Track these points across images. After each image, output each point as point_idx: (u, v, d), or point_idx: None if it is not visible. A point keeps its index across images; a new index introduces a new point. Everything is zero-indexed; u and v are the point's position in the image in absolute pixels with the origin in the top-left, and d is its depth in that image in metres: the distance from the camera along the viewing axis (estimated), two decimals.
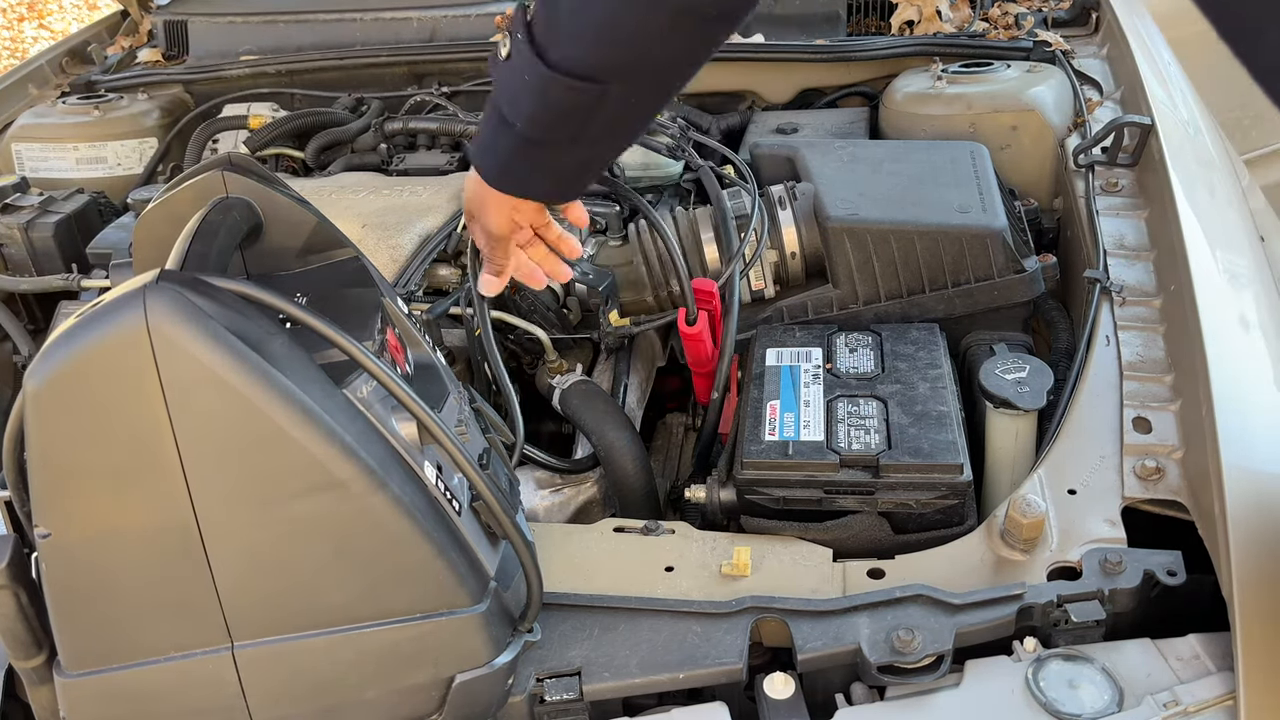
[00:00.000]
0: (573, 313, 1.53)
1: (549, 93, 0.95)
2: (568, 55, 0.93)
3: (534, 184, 1.09)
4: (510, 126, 1.01)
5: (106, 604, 0.83)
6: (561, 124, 0.98)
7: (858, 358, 1.28)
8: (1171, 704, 0.87)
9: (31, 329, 1.75)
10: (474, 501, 0.93)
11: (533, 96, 0.96)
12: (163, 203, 0.97)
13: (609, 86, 0.94)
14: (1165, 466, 1.09)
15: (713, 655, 0.96)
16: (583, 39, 0.92)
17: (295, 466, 0.78)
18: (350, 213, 1.58)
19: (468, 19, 2.20)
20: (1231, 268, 1.31)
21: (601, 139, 1.03)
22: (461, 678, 0.89)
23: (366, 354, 0.82)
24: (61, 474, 0.78)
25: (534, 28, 0.95)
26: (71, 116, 2.12)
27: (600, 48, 0.93)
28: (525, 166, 1.06)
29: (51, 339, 0.75)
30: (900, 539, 1.12)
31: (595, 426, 1.29)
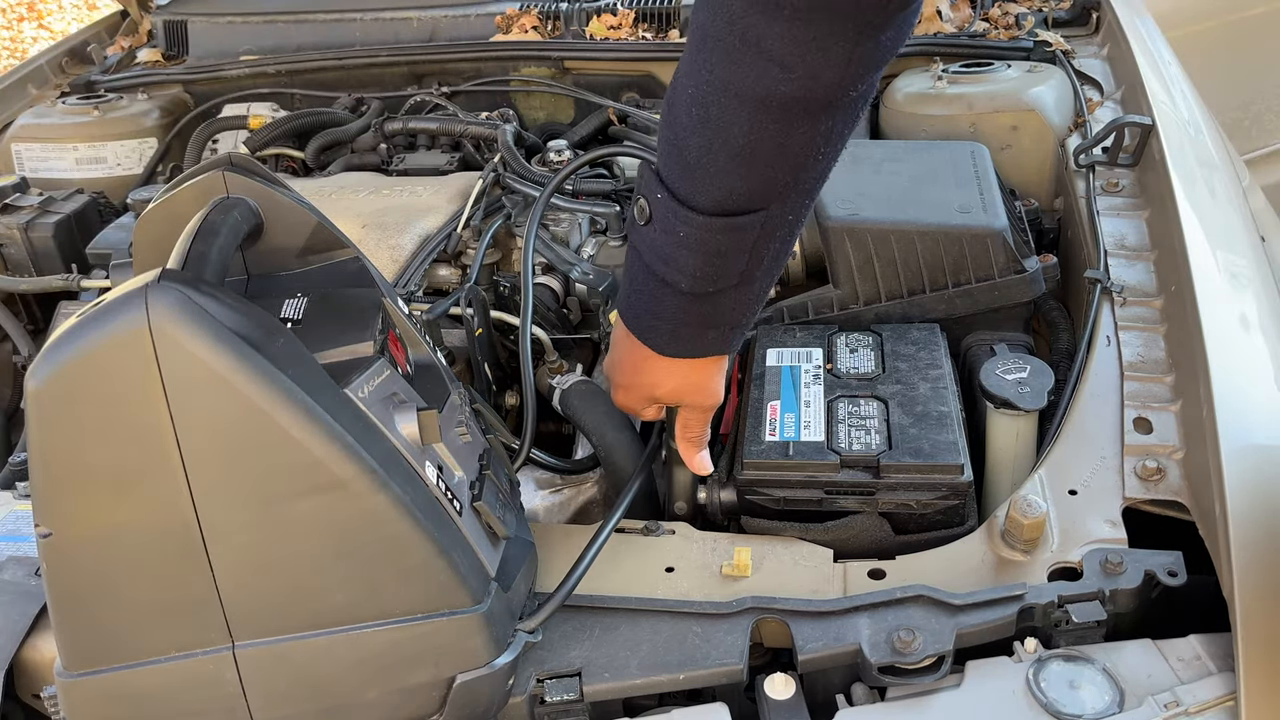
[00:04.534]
0: (573, 313, 1.53)
1: (709, 240, 0.89)
2: (717, 194, 0.87)
3: (709, 340, 1.00)
4: (670, 288, 0.94)
5: (107, 604, 0.83)
6: (727, 268, 0.91)
7: (858, 358, 1.28)
8: (1172, 704, 0.87)
9: (31, 329, 1.75)
10: (475, 501, 0.93)
11: (692, 250, 0.90)
12: (163, 203, 0.96)
13: (768, 210, 0.88)
14: (1166, 467, 1.09)
15: (713, 656, 0.96)
16: (727, 173, 0.86)
17: (296, 466, 0.78)
18: (350, 213, 1.58)
19: (468, 19, 2.21)
20: (1232, 268, 1.31)
21: (766, 268, 0.94)
22: (462, 678, 0.89)
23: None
24: (62, 474, 0.78)
25: (669, 182, 0.89)
26: (71, 117, 2.12)
27: (748, 175, 0.86)
28: (696, 324, 0.97)
29: (53, 339, 0.75)
30: (901, 539, 1.12)
31: (595, 427, 1.29)
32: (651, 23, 2.14)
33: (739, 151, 0.84)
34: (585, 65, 2.08)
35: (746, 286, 0.94)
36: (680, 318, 0.96)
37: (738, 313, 0.97)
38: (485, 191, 1.62)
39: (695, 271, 0.91)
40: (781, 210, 0.88)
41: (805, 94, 0.80)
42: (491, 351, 1.45)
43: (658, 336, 0.99)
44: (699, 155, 0.86)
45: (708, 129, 0.84)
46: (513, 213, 1.61)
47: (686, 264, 0.91)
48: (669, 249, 0.91)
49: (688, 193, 0.88)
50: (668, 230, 0.90)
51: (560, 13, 2.17)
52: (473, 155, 1.87)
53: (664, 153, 0.90)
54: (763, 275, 0.94)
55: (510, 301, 1.54)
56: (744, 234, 0.89)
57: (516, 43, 2.12)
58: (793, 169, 0.86)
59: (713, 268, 0.91)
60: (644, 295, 0.97)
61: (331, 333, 0.90)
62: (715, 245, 0.89)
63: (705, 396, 1.06)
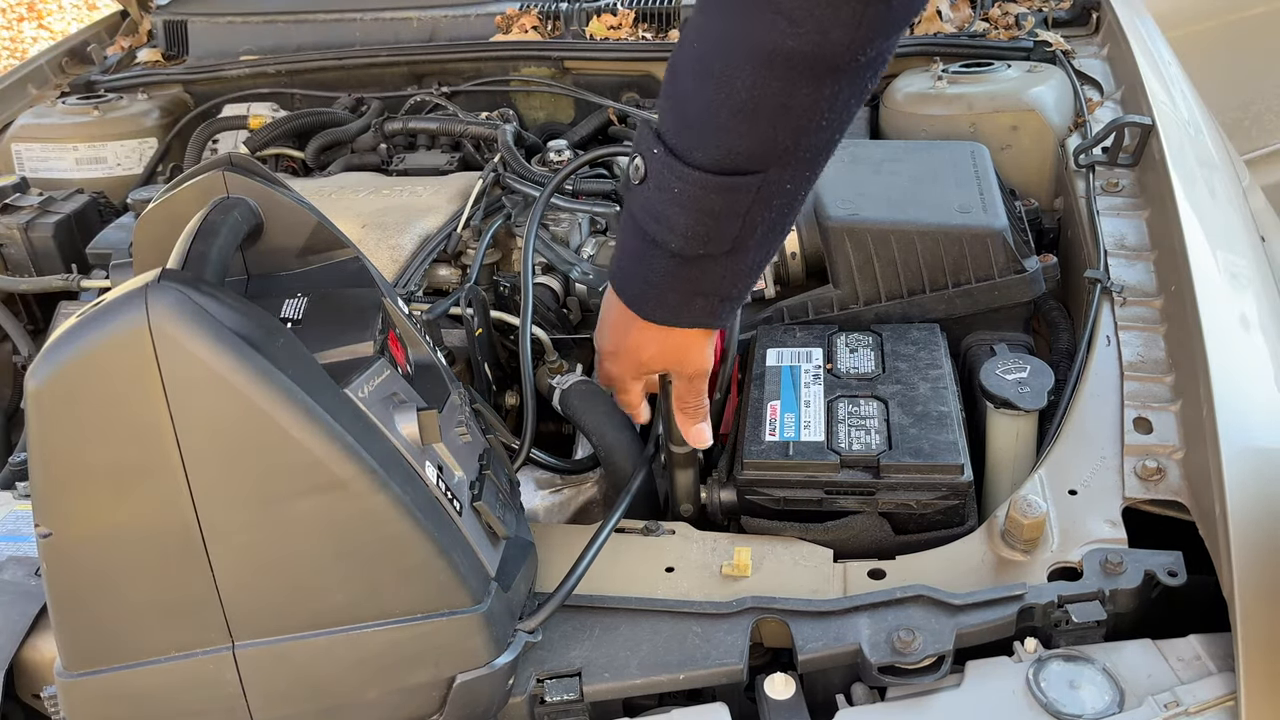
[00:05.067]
0: (573, 313, 1.53)
1: (704, 199, 0.87)
2: (715, 153, 0.85)
3: (696, 309, 0.97)
4: (660, 249, 0.91)
5: (107, 604, 0.83)
6: (720, 231, 0.88)
7: (858, 358, 1.28)
8: (1172, 704, 0.87)
9: (31, 329, 1.75)
10: (475, 501, 0.93)
11: (685, 208, 0.88)
12: (163, 203, 0.96)
13: (766, 173, 0.85)
14: (1166, 467, 1.09)
15: (713, 656, 0.96)
16: (727, 130, 0.84)
17: (296, 466, 0.78)
18: (350, 213, 1.58)
19: (468, 19, 2.21)
20: (1232, 268, 1.31)
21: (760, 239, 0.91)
22: (462, 678, 0.89)
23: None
24: (62, 474, 0.78)
25: (667, 138, 0.87)
26: (71, 117, 2.12)
27: (749, 133, 0.83)
28: (684, 289, 0.95)
29: (53, 339, 0.75)
30: (901, 539, 1.12)
31: (595, 427, 1.29)
32: (651, 23, 2.14)
33: (740, 108, 0.82)
34: (585, 65, 2.08)
35: (739, 255, 0.91)
36: (668, 282, 0.94)
37: (728, 283, 0.94)
38: (485, 191, 1.62)
39: (687, 231, 0.89)
40: (780, 176, 0.86)
41: (812, 51, 0.78)
42: (491, 351, 1.45)
43: (645, 302, 0.97)
44: (700, 111, 0.84)
45: (710, 83, 0.83)
46: (513, 213, 1.61)
47: (678, 222, 0.89)
48: (662, 206, 0.89)
49: (685, 148, 0.86)
50: (662, 187, 0.88)
51: (560, 13, 2.17)
52: (473, 155, 1.87)
53: (664, 109, 0.89)
54: (756, 246, 0.91)
55: (510, 301, 1.54)
56: (739, 195, 0.86)
57: (516, 43, 2.12)
58: (794, 132, 0.84)
59: (705, 228, 0.88)
60: (634, 257, 0.96)
61: (331, 333, 0.90)
62: (709, 205, 0.87)
63: (690, 364, 1.05)
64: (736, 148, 0.84)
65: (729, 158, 0.85)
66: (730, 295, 0.96)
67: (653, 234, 0.91)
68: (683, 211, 0.88)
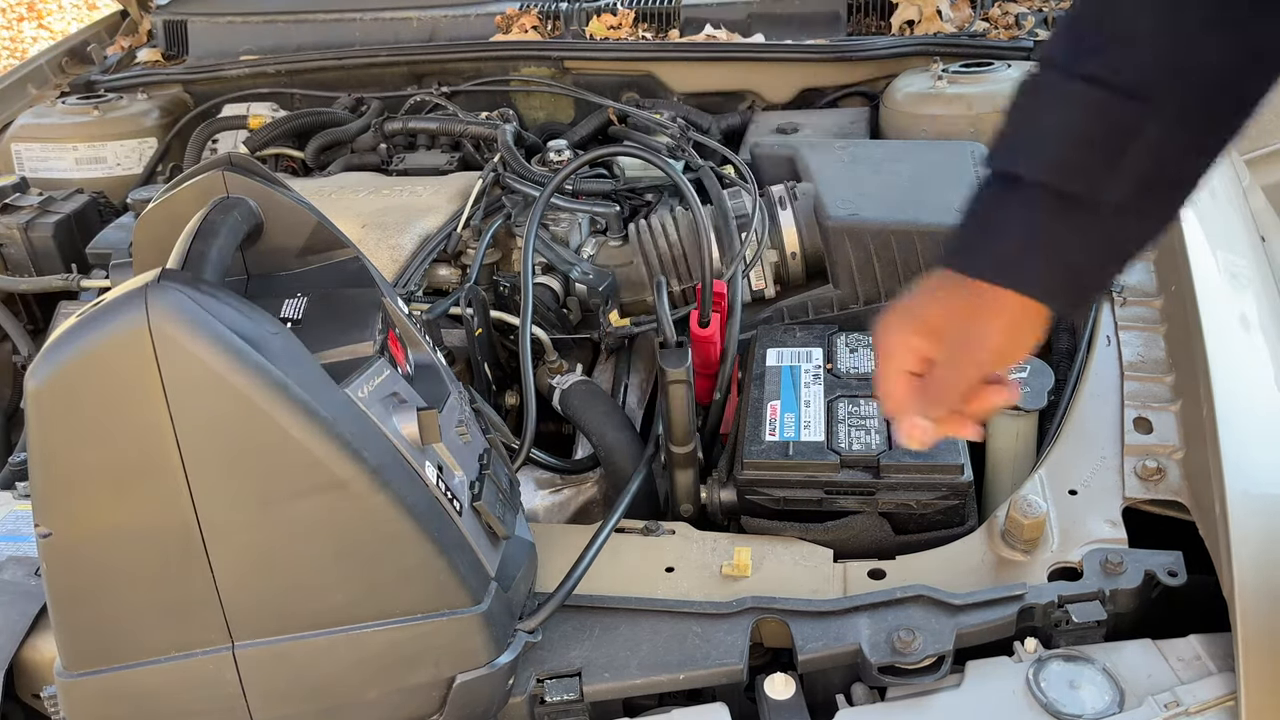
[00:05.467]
0: (573, 313, 1.53)
1: (1077, 114, 0.72)
2: (1107, 60, 0.71)
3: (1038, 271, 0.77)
4: (1021, 186, 0.75)
5: (107, 604, 0.83)
6: (1083, 163, 0.72)
7: (858, 358, 1.28)
8: (1172, 704, 0.87)
9: (31, 329, 1.75)
10: (475, 501, 0.93)
11: (1051, 121, 0.73)
12: (163, 203, 0.96)
13: (1148, 113, 0.70)
14: (1166, 467, 1.09)
15: (713, 656, 0.96)
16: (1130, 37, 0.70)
17: (296, 466, 0.78)
18: (350, 213, 1.58)
19: (468, 19, 2.21)
20: (1232, 268, 1.31)
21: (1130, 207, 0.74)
22: (462, 678, 0.89)
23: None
24: (62, 474, 0.78)
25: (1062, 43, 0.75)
26: (71, 116, 2.12)
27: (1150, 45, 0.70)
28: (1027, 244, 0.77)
29: (53, 339, 0.75)
30: (901, 539, 1.12)
31: (595, 427, 1.29)
32: (651, 22, 2.14)
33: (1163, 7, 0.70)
34: (585, 65, 2.08)
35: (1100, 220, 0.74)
36: (1005, 225, 0.77)
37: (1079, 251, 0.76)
38: (485, 191, 1.62)
39: (1050, 152, 0.73)
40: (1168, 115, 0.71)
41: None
42: (491, 351, 1.45)
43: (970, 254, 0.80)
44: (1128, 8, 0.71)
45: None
46: (513, 213, 1.61)
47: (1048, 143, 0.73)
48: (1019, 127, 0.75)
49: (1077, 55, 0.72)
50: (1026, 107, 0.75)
51: (560, 12, 2.17)
52: (473, 155, 1.86)
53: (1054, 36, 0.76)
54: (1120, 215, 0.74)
55: (510, 301, 1.54)
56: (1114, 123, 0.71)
57: (516, 42, 2.12)
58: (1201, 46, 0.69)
59: (1072, 150, 0.73)
60: (980, 215, 0.79)
61: (331, 332, 0.90)
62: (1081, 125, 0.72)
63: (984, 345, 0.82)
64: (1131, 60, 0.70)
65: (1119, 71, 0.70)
66: (1080, 267, 0.77)
67: (1010, 169, 0.76)
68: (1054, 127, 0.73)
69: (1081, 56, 0.72)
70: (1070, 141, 0.73)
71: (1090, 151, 0.72)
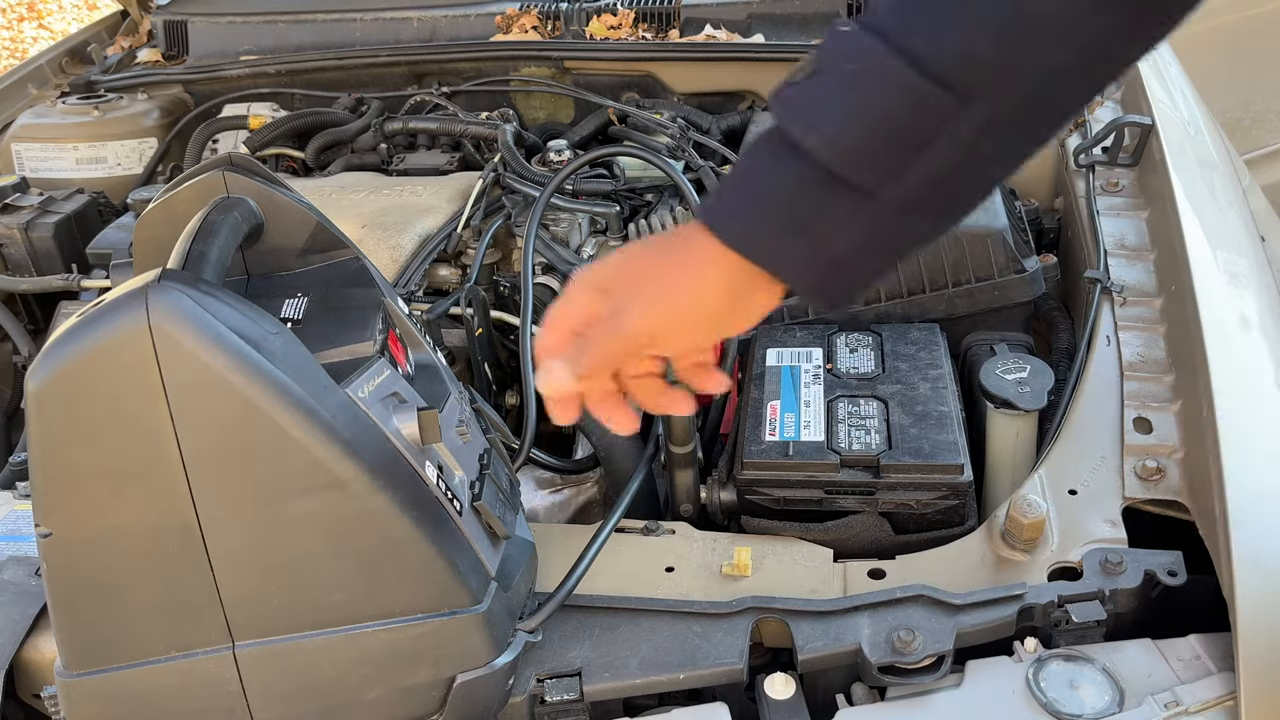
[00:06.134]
0: None
1: (879, 90, 0.64)
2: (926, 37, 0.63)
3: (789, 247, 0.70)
4: (796, 153, 0.67)
5: (107, 604, 0.83)
6: (877, 152, 0.65)
7: (858, 358, 1.28)
8: (1172, 704, 0.87)
9: (31, 329, 1.75)
10: (475, 501, 0.93)
11: (851, 95, 0.65)
12: (163, 203, 0.97)
13: (968, 104, 0.63)
14: (1166, 467, 1.09)
15: (713, 655, 0.96)
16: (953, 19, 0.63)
17: (296, 466, 0.78)
18: (350, 213, 1.58)
19: (468, 19, 2.20)
20: (1232, 268, 1.31)
21: (924, 197, 0.67)
22: (462, 678, 0.89)
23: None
24: (63, 473, 0.78)
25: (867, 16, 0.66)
26: (71, 116, 2.11)
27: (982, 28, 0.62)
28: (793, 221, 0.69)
29: (53, 339, 0.75)
30: (901, 539, 1.12)
31: (595, 426, 1.29)
32: (651, 22, 2.13)
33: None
34: (585, 65, 2.07)
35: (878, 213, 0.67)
36: (774, 197, 0.69)
37: (848, 237, 0.68)
38: (485, 191, 1.62)
39: (837, 127, 0.65)
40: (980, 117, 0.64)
41: None
42: (491, 351, 1.45)
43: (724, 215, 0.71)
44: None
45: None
46: (513, 212, 1.61)
47: (831, 111, 0.66)
48: (818, 92, 0.66)
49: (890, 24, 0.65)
50: (831, 69, 0.66)
51: (560, 12, 2.17)
52: (473, 155, 1.87)
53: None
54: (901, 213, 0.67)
55: (510, 301, 1.54)
56: (924, 113, 0.64)
57: (516, 43, 2.12)
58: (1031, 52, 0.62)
59: (859, 133, 0.65)
60: (743, 166, 0.72)
61: (332, 332, 0.90)
62: (881, 103, 0.64)
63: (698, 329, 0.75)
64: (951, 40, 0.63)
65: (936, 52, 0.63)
66: (844, 261, 0.70)
67: (787, 126, 0.68)
68: (844, 98, 0.65)
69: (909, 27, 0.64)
70: (870, 128, 0.65)
71: (888, 144, 0.65)
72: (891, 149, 0.65)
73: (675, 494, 1.21)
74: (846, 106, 0.65)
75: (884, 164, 0.66)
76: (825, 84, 0.66)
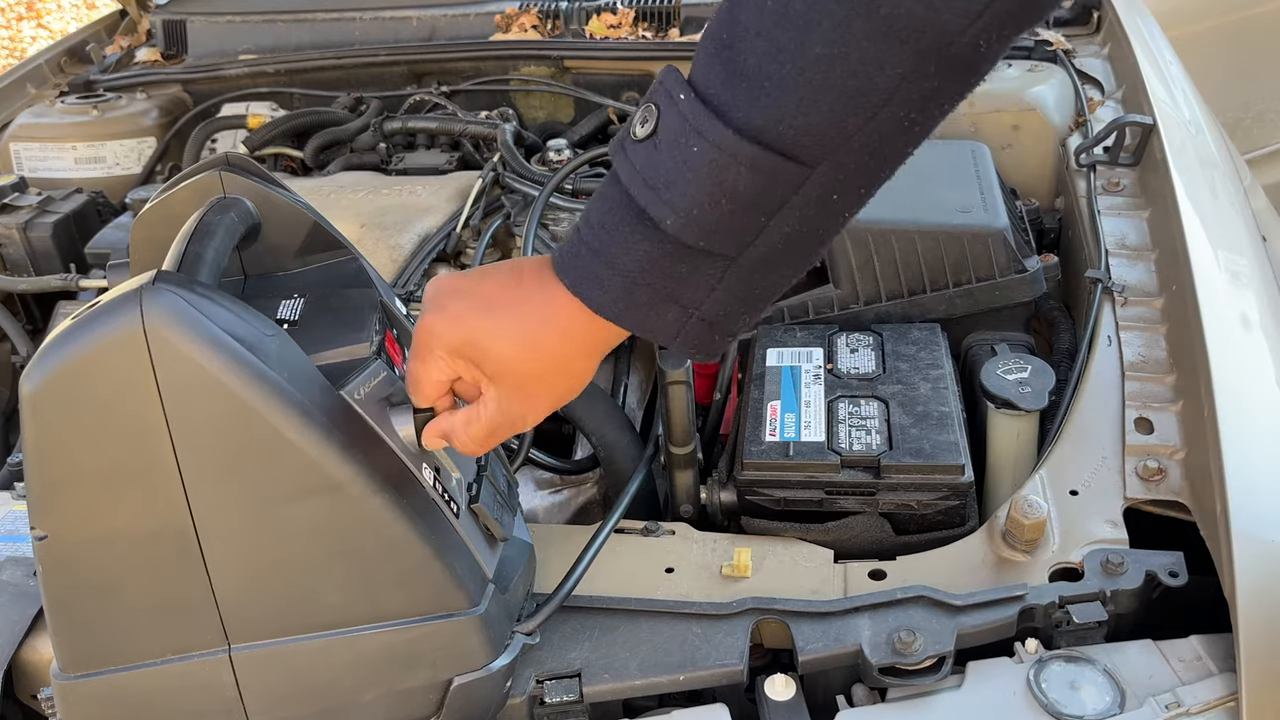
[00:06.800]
0: None
1: (728, 172, 0.65)
2: (765, 116, 0.64)
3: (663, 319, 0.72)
4: (646, 227, 0.69)
5: (103, 606, 0.83)
6: (732, 224, 0.67)
7: (859, 358, 1.28)
8: (1173, 705, 0.86)
9: (30, 329, 1.75)
10: (472, 503, 0.92)
11: (700, 177, 0.66)
12: (160, 203, 0.96)
13: (814, 170, 0.66)
14: (1167, 467, 1.08)
15: (713, 657, 0.96)
16: (788, 89, 0.64)
17: (292, 469, 0.78)
18: (349, 212, 1.58)
19: (467, 18, 2.20)
20: (1233, 268, 1.31)
21: (777, 258, 0.70)
22: (459, 680, 0.89)
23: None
24: (57, 476, 0.77)
25: (702, 85, 0.67)
26: (70, 116, 2.11)
27: (812, 101, 0.64)
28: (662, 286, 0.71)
29: (47, 342, 0.75)
30: (901, 540, 1.12)
31: (595, 427, 1.28)
32: (651, 22, 2.13)
33: (813, 63, 0.63)
34: (585, 64, 2.07)
35: (742, 270, 0.70)
36: (642, 270, 0.70)
37: (716, 302, 0.71)
38: (484, 191, 1.62)
39: (692, 207, 0.67)
40: (830, 179, 0.67)
41: (924, 15, 0.61)
42: None
43: (595, 286, 0.72)
44: (760, 60, 0.64)
45: (783, 27, 0.64)
46: (512, 212, 1.61)
47: (685, 193, 0.67)
48: (668, 169, 0.67)
49: (726, 101, 0.65)
50: (676, 144, 0.67)
51: (560, 11, 2.17)
52: (472, 155, 1.86)
53: (706, 51, 0.68)
54: (766, 266, 0.70)
55: None
56: (773, 186, 0.66)
57: (516, 42, 2.12)
58: (866, 116, 0.64)
59: (716, 212, 0.67)
60: (602, 233, 0.71)
61: (328, 334, 0.90)
62: (732, 182, 0.66)
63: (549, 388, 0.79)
64: (791, 115, 0.64)
65: (778, 128, 0.64)
66: (715, 319, 0.73)
67: (644, 204, 0.69)
68: (695, 180, 0.66)
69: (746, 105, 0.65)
70: (723, 204, 0.67)
71: (744, 214, 0.67)
72: (748, 218, 0.67)
73: (675, 494, 1.20)
74: (700, 187, 0.66)
75: (741, 232, 0.68)
76: (673, 161, 0.67)
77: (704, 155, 0.66)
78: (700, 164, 0.66)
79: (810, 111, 0.64)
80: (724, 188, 0.66)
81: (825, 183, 0.67)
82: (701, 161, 0.66)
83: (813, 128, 0.65)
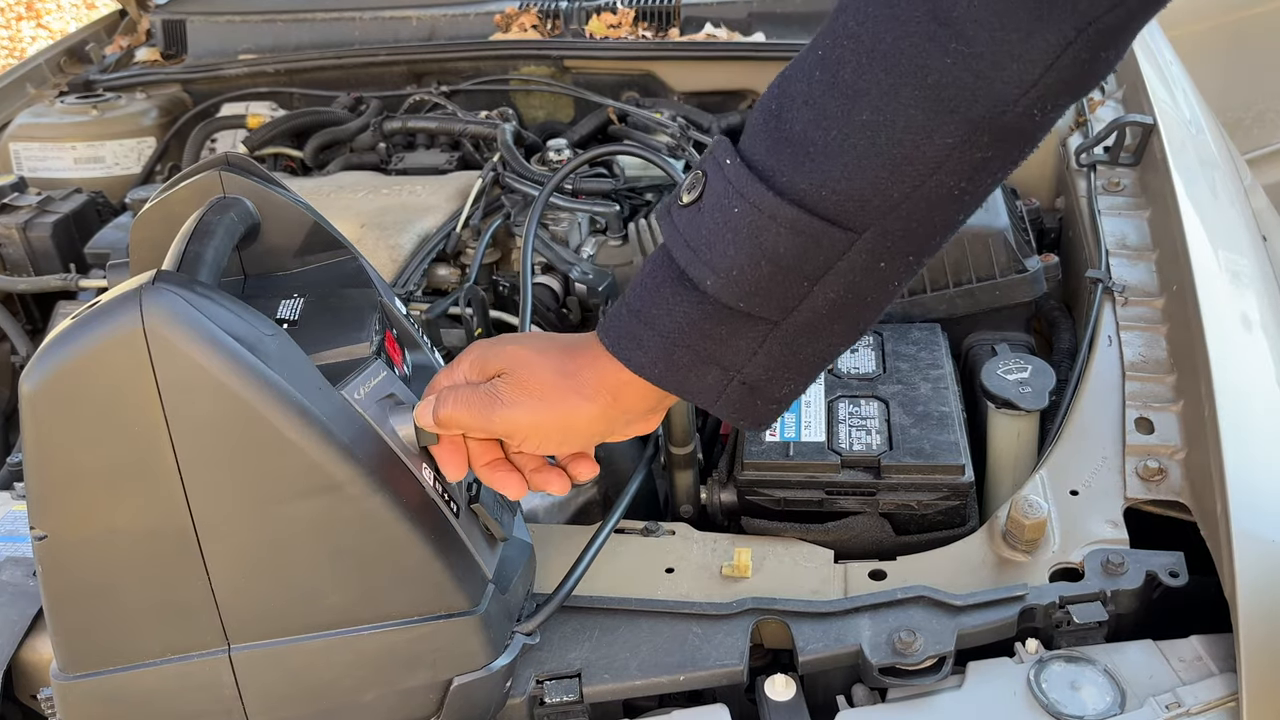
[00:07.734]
0: (572, 312, 1.53)
1: (771, 235, 0.66)
2: (810, 180, 0.65)
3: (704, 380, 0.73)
4: (688, 288, 0.70)
5: (103, 606, 0.83)
6: (776, 288, 0.68)
7: (859, 358, 1.28)
8: (1174, 705, 0.86)
9: (29, 329, 1.75)
10: (472, 503, 0.92)
11: (742, 239, 0.67)
12: (160, 202, 0.96)
13: (861, 236, 0.66)
14: (1167, 467, 1.08)
15: (713, 657, 0.96)
16: (833, 155, 0.64)
17: (292, 469, 0.78)
18: (349, 212, 1.58)
19: (467, 18, 2.20)
20: (1234, 267, 1.31)
21: (822, 324, 0.70)
22: (459, 680, 0.89)
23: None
24: (57, 476, 0.77)
25: (749, 151, 0.68)
26: (69, 116, 2.11)
27: (857, 169, 0.64)
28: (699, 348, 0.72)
29: (46, 342, 0.75)
30: (902, 540, 1.12)
31: None
32: (651, 21, 2.13)
33: (859, 129, 0.64)
34: (585, 64, 2.07)
35: (786, 335, 0.71)
36: (682, 331, 0.72)
37: (759, 365, 0.72)
38: (484, 191, 1.62)
39: (732, 268, 0.68)
40: (874, 245, 0.67)
41: (973, 85, 0.61)
42: None
43: (635, 346, 0.74)
44: (805, 126, 0.66)
45: (831, 95, 0.65)
46: (512, 212, 1.61)
47: (725, 253, 0.68)
48: (710, 231, 0.68)
49: (771, 166, 0.67)
50: (719, 207, 0.68)
51: (560, 11, 2.17)
52: (472, 154, 1.86)
53: (754, 126, 0.70)
54: (812, 332, 0.70)
55: (510, 301, 1.54)
56: (815, 250, 0.66)
57: (516, 41, 2.12)
58: (914, 183, 0.64)
59: (757, 275, 0.68)
60: (644, 294, 0.74)
61: (328, 333, 0.90)
62: (772, 244, 0.66)
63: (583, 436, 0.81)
64: (836, 181, 0.65)
65: (822, 192, 0.65)
66: (757, 383, 0.73)
67: (684, 264, 0.70)
68: (735, 241, 0.67)
69: (791, 171, 0.66)
70: (765, 268, 0.67)
71: (786, 278, 0.68)
72: (790, 283, 0.68)
73: (675, 495, 1.20)
74: (739, 248, 0.67)
75: (784, 296, 0.69)
76: (714, 223, 0.68)
77: (744, 216, 0.67)
78: (741, 225, 0.67)
79: (854, 177, 0.64)
80: (764, 249, 0.67)
81: (872, 249, 0.67)
82: (742, 222, 0.67)
83: (856, 193, 0.65)
